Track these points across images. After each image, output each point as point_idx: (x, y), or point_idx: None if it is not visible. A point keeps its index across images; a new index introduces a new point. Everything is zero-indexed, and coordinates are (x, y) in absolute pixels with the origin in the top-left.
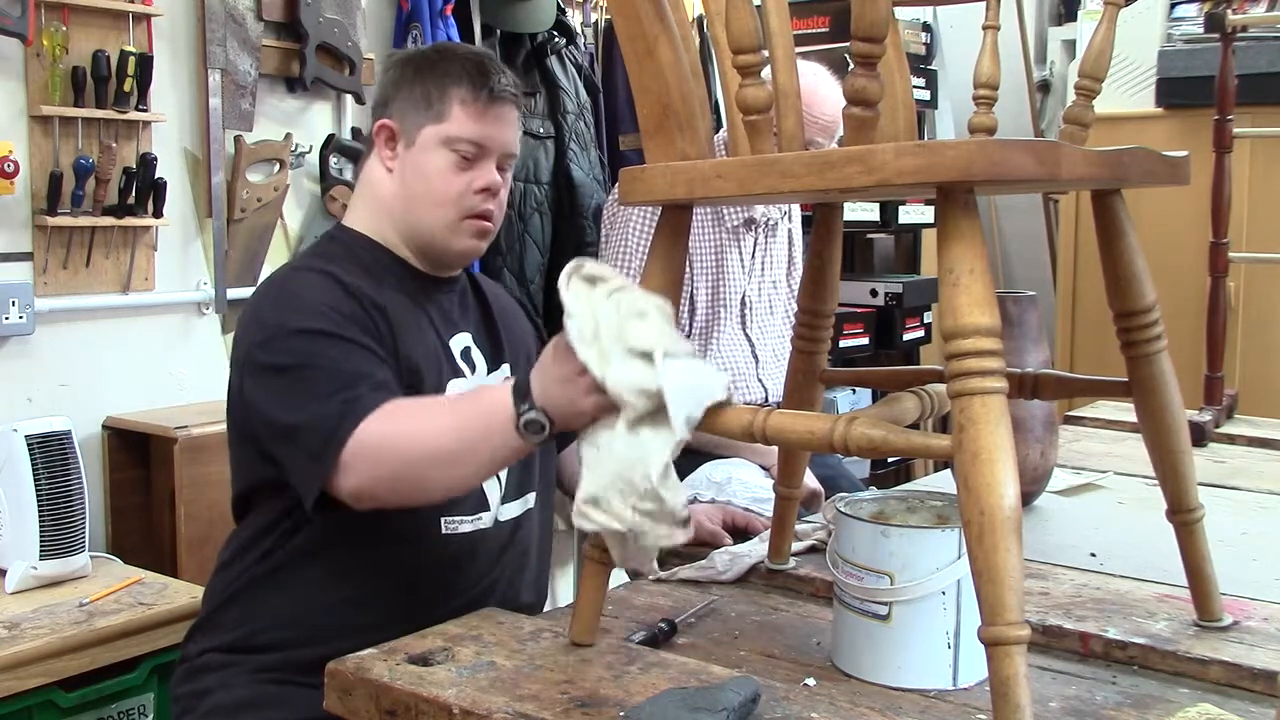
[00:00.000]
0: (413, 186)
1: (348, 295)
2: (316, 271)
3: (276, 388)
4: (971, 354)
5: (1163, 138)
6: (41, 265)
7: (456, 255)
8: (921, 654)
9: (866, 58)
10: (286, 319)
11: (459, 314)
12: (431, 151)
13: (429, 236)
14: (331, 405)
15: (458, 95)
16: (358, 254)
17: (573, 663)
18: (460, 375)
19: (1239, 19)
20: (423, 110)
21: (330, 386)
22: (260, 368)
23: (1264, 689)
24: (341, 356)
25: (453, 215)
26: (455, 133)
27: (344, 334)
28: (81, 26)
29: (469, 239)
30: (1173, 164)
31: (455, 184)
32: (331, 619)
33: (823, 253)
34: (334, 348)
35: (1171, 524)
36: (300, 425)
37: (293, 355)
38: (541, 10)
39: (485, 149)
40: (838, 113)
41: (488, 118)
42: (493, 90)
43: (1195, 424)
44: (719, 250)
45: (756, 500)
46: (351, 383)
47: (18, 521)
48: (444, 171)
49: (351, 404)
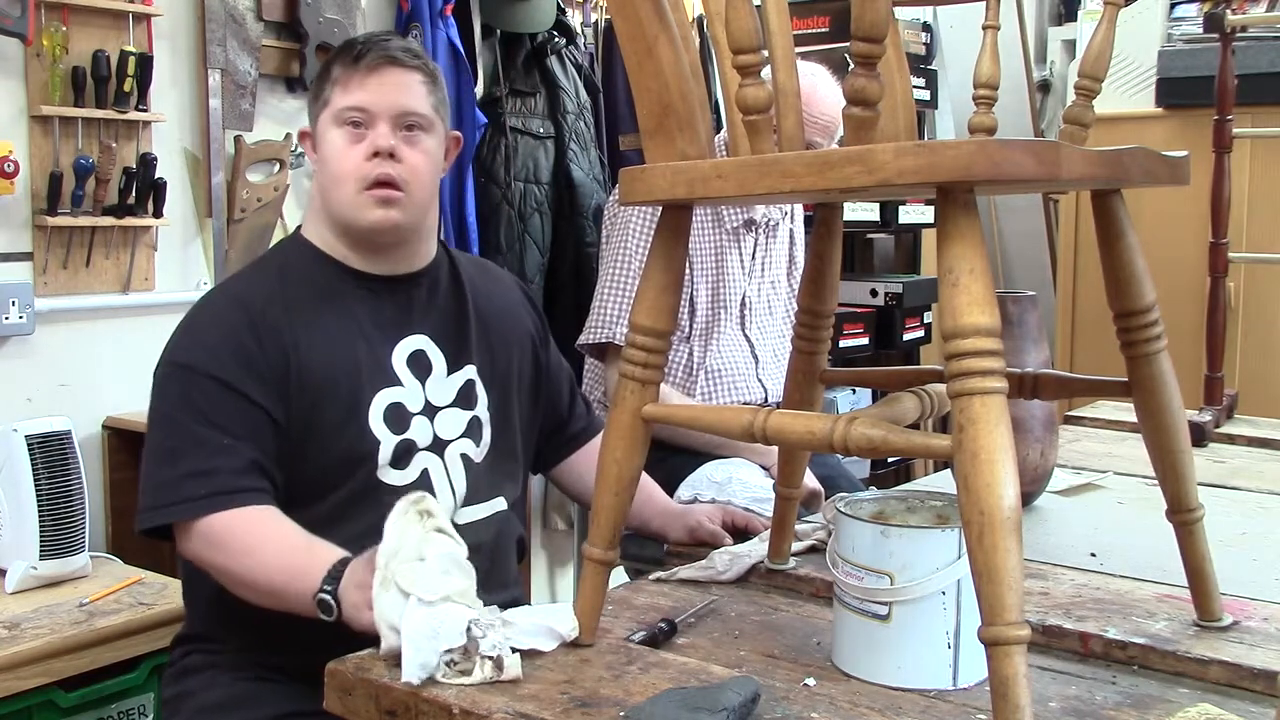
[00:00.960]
0: (323, 175)
1: (248, 326)
2: (230, 297)
3: (152, 421)
4: (971, 354)
5: (1162, 138)
6: (41, 265)
7: (369, 230)
8: (921, 654)
9: (866, 58)
10: (181, 353)
11: (417, 314)
12: (327, 134)
13: (342, 218)
14: (185, 473)
15: (336, 73)
16: (295, 264)
17: (573, 663)
18: (398, 384)
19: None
20: (317, 103)
21: (192, 446)
22: (151, 395)
23: (1264, 689)
24: (217, 409)
25: (353, 189)
26: (338, 105)
27: (228, 380)
28: (81, 26)
29: (374, 208)
30: (1173, 164)
31: (350, 157)
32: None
33: (823, 253)
34: (213, 397)
35: (1171, 524)
36: (153, 477)
37: (172, 396)
38: (541, 10)
39: (370, 113)
40: (837, 113)
41: (367, 82)
42: (361, 56)
43: (1195, 424)
44: (719, 251)
45: (757, 500)
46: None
47: (18, 521)
48: (339, 148)
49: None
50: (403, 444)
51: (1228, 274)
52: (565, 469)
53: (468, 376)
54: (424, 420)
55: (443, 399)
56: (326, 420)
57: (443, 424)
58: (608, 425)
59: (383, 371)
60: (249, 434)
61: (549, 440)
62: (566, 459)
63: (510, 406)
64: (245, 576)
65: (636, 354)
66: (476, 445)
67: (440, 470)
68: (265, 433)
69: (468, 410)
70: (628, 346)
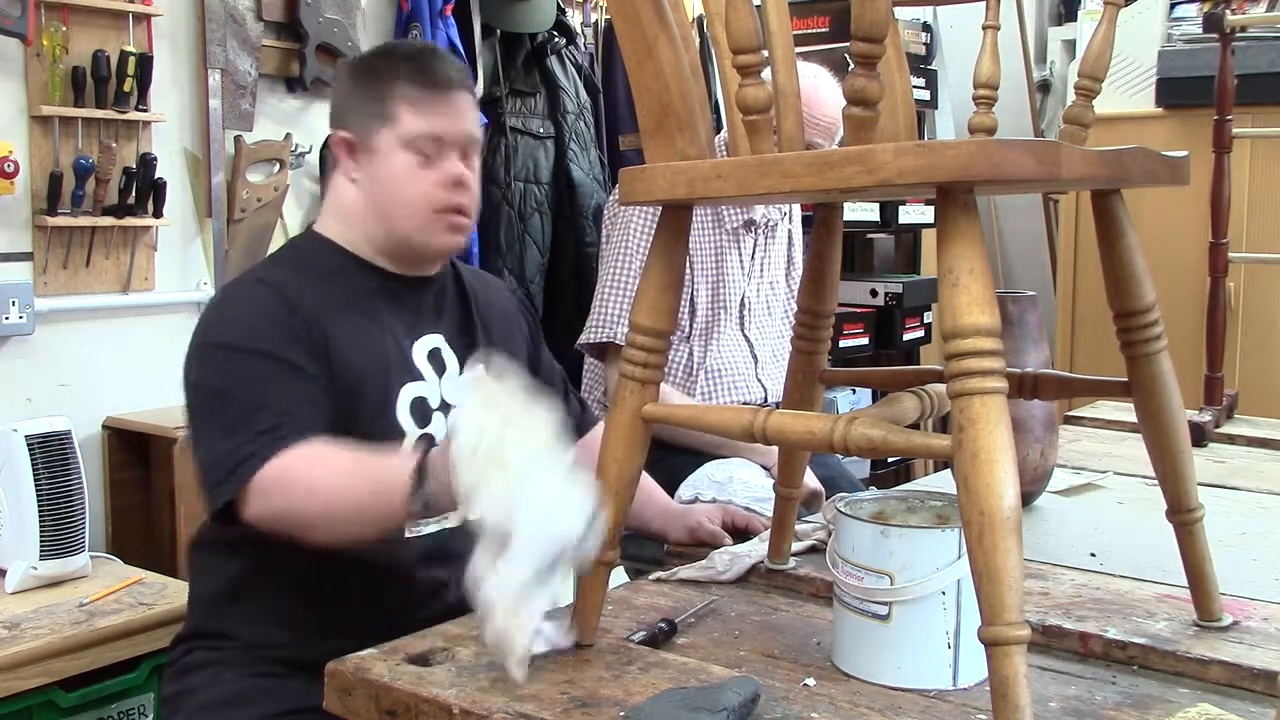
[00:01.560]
0: (379, 194)
1: (283, 305)
2: (258, 282)
3: (199, 405)
4: (971, 354)
5: (1162, 138)
6: (41, 265)
7: (436, 253)
8: (921, 654)
9: (866, 58)
10: (222, 333)
11: (432, 314)
12: (391, 156)
13: (406, 241)
14: (242, 438)
15: (402, 95)
16: (315, 259)
17: (573, 663)
18: (418, 379)
19: (1238, 19)
20: (374, 117)
21: (244, 415)
22: (190, 384)
23: (1264, 689)
24: (265, 379)
25: (424, 214)
26: (409, 132)
27: (275, 352)
28: (81, 26)
29: (446, 235)
30: (1173, 164)
31: (421, 183)
32: (308, 618)
33: (823, 253)
34: (260, 369)
35: (1171, 524)
36: (211, 453)
37: (219, 375)
38: (541, 10)
39: (443, 142)
40: (838, 114)
41: (438, 110)
42: (435, 82)
43: (1195, 424)
44: (719, 251)
45: (757, 500)
46: (272, 411)
47: (18, 521)
48: (408, 173)
49: (264, 438)
50: (424, 438)
51: (1228, 274)
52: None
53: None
54: (441, 417)
55: (457, 397)
56: (360, 411)
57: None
58: (608, 425)
59: (408, 365)
60: (306, 400)
61: None
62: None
63: None
64: (317, 510)
65: (636, 354)
66: None
67: None
68: (321, 401)
69: None
70: (628, 346)
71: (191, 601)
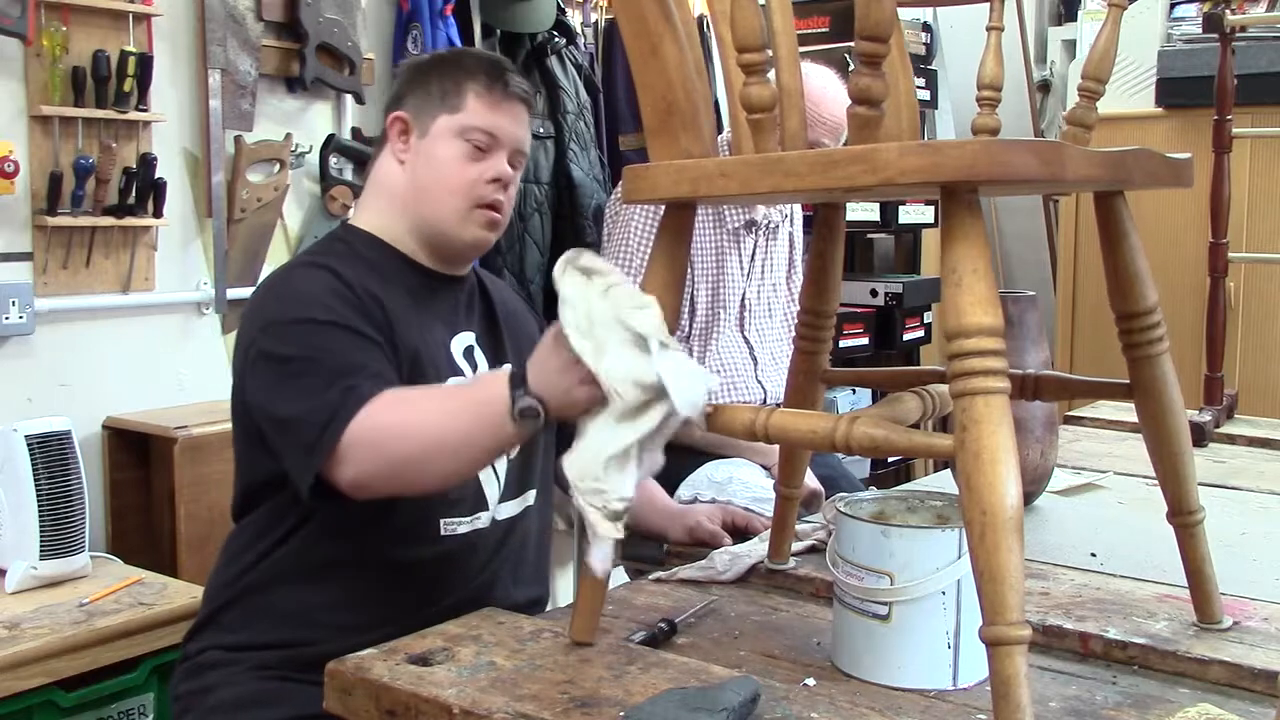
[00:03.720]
0: (425, 176)
1: (347, 287)
2: (316, 266)
3: (275, 378)
4: (974, 354)
5: (1162, 138)
6: (41, 265)
7: (466, 245)
8: (921, 654)
9: (871, 57)
10: (286, 310)
11: (464, 313)
12: (445, 141)
13: (439, 226)
14: (329, 396)
15: (473, 87)
16: (361, 252)
17: (573, 663)
18: (459, 374)
19: (1237, 19)
20: (437, 101)
21: (328, 377)
22: (261, 357)
23: (1264, 689)
24: (340, 346)
25: (464, 204)
26: (469, 122)
27: (344, 322)
28: (81, 26)
29: (479, 229)
30: (1176, 165)
31: (468, 173)
32: (331, 618)
33: (824, 253)
34: (333, 338)
35: (1172, 526)
36: (297, 416)
37: (293, 345)
38: (541, 10)
39: (498, 140)
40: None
41: (502, 110)
42: (508, 84)
43: (1195, 424)
44: (719, 252)
45: (757, 500)
46: (349, 372)
47: (18, 521)
48: (457, 160)
49: (348, 394)
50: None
51: (1228, 274)
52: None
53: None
54: None
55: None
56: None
57: None
58: None
59: (450, 360)
60: (380, 361)
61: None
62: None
63: None
64: (423, 443)
65: None
66: None
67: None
68: (390, 368)
69: None
70: None
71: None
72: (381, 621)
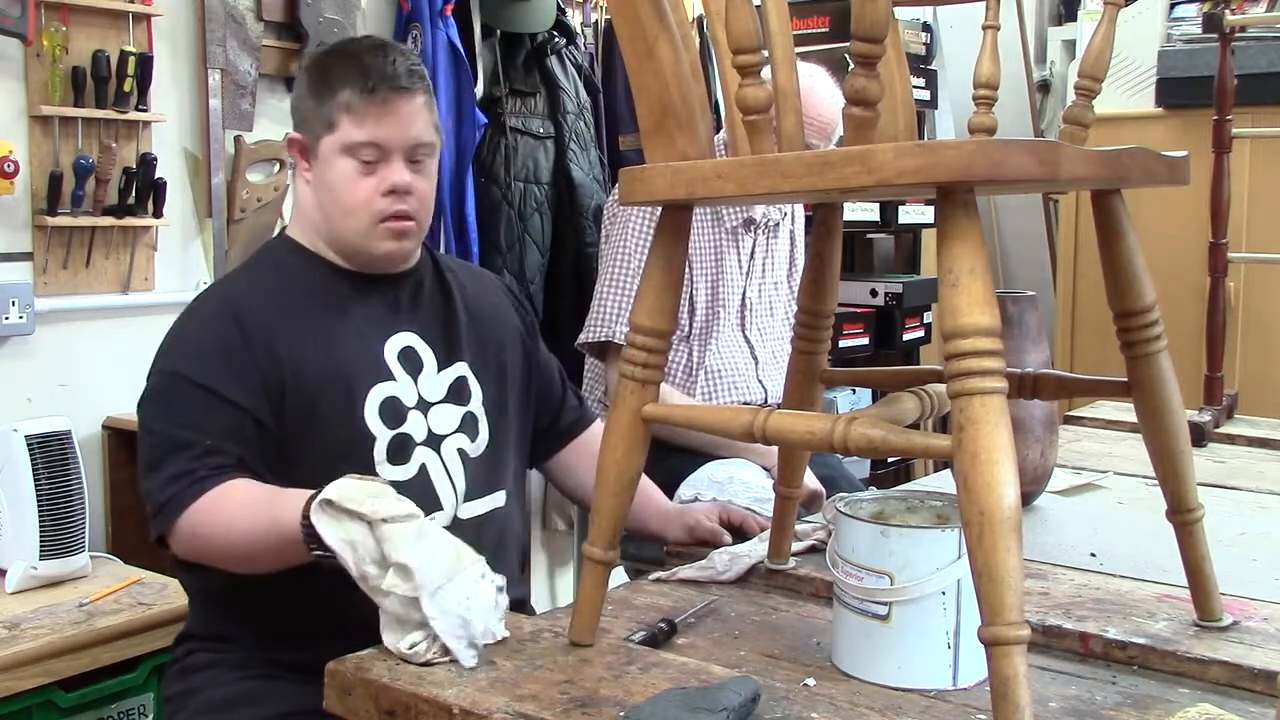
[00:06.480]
0: (325, 199)
1: (240, 329)
2: (220, 299)
3: (143, 432)
4: (971, 354)
5: (1162, 138)
6: (41, 265)
7: (383, 259)
8: (921, 654)
9: (867, 58)
10: (172, 357)
11: (406, 311)
12: (333, 162)
13: (352, 244)
14: (166, 484)
15: (342, 101)
16: (283, 262)
17: (573, 663)
18: (390, 379)
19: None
20: (318, 121)
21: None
22: (142, 402)
23: (1264, 689)
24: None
25: (365, 222)
26: (348, 139)
27: (210, 385)
28: (81, 26)
29: (389, 242)
30: (1173, 164)
31: (361, 190)
32: (305, 619)
33: (823, 252)
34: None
35: (1171, 524)
36: (145, 489)
37: (158, 404)
38: (541, 10)
39: (384, 149)
40: (834, 115)
41: (378, 117)
42: (374, 89)
43: (1195, 424)
44: (718, 250)
45: (757, 500)
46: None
47: (18, 521)
48: (348, 180)
49: (183, 488)
50: (398, 438)
51: (1228, 274)
52: (558, 463)
53: (459, 373)
54: (418, 415)
55: (435, 395)
56: (323, 416)
57: (436, 419)
58: (608, 425)
59: (377, 366)
60: (232, 435)
61: (543, 434)
62: (559, 452)
63: (506, 401)
64: (231, 552)
65: (636, 354)
66: (472, 440)
67: (438, 466)
68: (250, 434)
69: (460, 406)
70: (628, 346)
71: (191, 602)
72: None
